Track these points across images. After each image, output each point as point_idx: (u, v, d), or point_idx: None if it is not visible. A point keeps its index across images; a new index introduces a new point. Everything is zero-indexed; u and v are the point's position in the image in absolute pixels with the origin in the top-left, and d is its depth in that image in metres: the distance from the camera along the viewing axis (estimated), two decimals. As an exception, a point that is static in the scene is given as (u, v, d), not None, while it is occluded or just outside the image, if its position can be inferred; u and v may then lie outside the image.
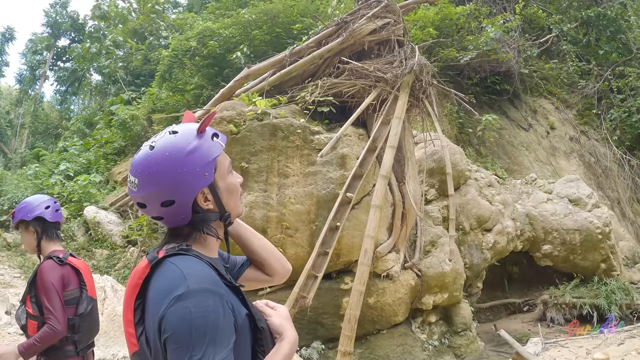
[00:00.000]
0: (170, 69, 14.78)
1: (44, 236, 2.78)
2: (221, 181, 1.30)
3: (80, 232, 11.92)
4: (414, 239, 7.13)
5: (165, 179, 1.22)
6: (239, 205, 1.38)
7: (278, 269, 1.64)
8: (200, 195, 1.26)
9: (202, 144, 1.25)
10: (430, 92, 7.05)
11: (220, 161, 1.30)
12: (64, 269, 2.67)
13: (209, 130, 1.29)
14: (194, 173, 1.23)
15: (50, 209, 2.79)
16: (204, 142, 1.26)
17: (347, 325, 5.46)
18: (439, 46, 12.08)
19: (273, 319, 1.31)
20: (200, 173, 1.23)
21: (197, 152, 1.24)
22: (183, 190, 1.23)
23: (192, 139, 1.25)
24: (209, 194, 1.28)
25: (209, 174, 1.25)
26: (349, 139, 6.37)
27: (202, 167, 1.24)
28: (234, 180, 1.35)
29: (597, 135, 14.79)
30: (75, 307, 2.68)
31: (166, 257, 1.20)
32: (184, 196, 1.24)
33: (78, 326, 2.66)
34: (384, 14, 7.42)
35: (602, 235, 9.95)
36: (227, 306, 1.15)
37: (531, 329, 9.33)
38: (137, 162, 1.24)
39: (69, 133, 20.60)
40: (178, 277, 1.13)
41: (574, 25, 16.51)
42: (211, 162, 1.25)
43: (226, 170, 1.32)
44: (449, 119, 11.61)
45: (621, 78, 15.19)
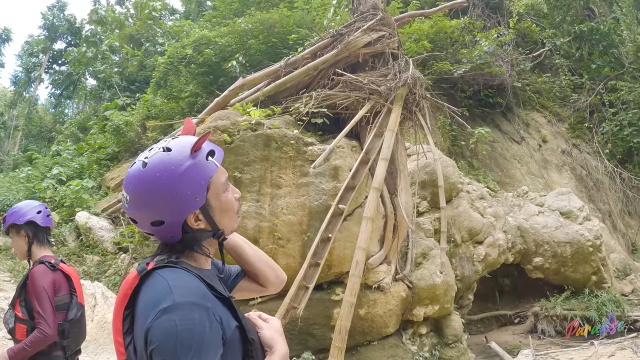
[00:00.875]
0: (166, 76, 14.82)
1: (35, 241, 2.80)
2: (215, 201, 1.27)
3: (71, 237, 11.85)
4: (406, 251, 7.16)
5: (155, 200, 1.20)
6: (234, 221, 1.35)
7: (272, 279, 1.62)
8: (191, 216, 1.25)
9: (195, 165, 1.22)
10: (423, 105, 7.11)
11: (214, 181, 1.27)
12: (55, 274, 2.69)
13: (205, 147, 1.26)
14: (185, 196, 1.20)
15: (41, 214, 2.82)
16: (197, 162, 1.23)
17: (337, 336, 5.46)
18: (433, 59, 12.20)
19: (264, 332, 1.31)
20: (192, 196, 1.21)
21: (189, 174, 1.21)
22: (173, 212, 1.22)
23: (185, 159, 1.22)
24: (200, 215, 1.26)
25: (200, 197, 1.22)
26: (342, 150, 6.41)
27: (193, 190, 1.21)
28: (229, 198, 1.32)
29: (589, 148, 14.94)
30: (65, 313, 2.70)
31: (155, 269, 1.20)
32: (173, 218, 1.22)
33: (68, 332, 2.68)
34: (379, 27, 7.49)
35: (593, 248, 10.01)
36: (214, 319, 1.14)
37: (522, 341, 9.36)
38: (129, 178, 1.22)
39: (63, 137, 20.54)
40: (165, 290, 1.13)
41: (567, 40, 16.74)
42: (203, 184, 1.23)
43: (221, 188, 1.29)
44: (442, 132, 11.70)
45: (613, 92, 15.39)
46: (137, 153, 12.65)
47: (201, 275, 1.23)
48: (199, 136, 1.31)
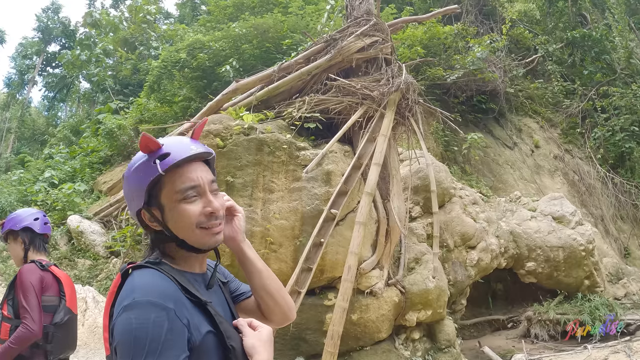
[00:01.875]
0: (159, 80, 14.79)
1: (32, 247, 2.84)
2: (167, 204, 1.27)
3: (63, 241, 11.78)
4: (398, 256, 7.16)
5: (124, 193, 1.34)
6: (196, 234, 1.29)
7: (276, 314, 1.57)
8: (145, 214, 1.29)
9: (140, 165, 1.27)
10: (416, 110, 7.13)
11: (168, 185, 1.26)
12: (44, 273, 2.70)
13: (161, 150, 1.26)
14: (130, 193, 1.30)
15: (39, 221, 2.87)
16: (142, 162, 1.27)
17: (329, 341, 5.45)
18: (426, 65, 12.26)
19: (246, 340, 1.30)
20: (134, 194, 1.28)
21: (135, 172, 1.27)
22: (130, 206, 1.32)
23: (139, 157, 1.28)
24: (148, 215, 1.29)
25: (138, 196, 1.26)
26: (335, 155, 6.41)
27: (134, 188, 1.28)
28: (184, 209, 1.26)
29: (581, 153, 15.04)
30: (51, 315, 2.67)
31: (134, 269, 1.25)
32: (131, 211, 1.32)
33: (52, 335, 2.65)
34: (372, 33, 7.51)
35: (586, 252, 10.06)
36: (176, 320, 1.13)
37: (515, 346, 9.35)
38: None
39: (55, 140, 20.47)
40: (129, 289, 1.18)
41: (560, 46, 16.89)
42: (143, 187, 1.25)
43: (174, 196, 1.26)
44: (434, 137, 11.74)
45: (605, 97, 15.52)
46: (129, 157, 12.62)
47: (178, 276, 1.24)
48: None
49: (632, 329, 9.37)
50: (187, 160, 1.27)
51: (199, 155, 1.30)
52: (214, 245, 1.33)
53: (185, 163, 1.27)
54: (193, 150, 1.28)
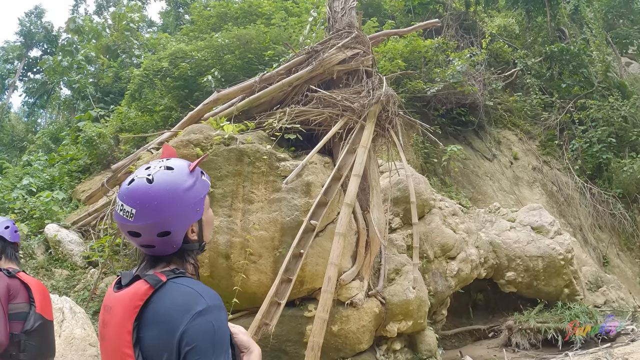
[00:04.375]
0: (141, 89, 14.66)
1: (3, 255, 2.82)
2: (205, 215, 1.47)
3: (40, 250, 11.52)
4: (378, 267, 7.18)
5: (165, 212, 1.35)
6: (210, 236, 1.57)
7: None
8: (190, 228, 1.43)
9: (196, 182, 1.42)
10: (396, 122, 7.20)
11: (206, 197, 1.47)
12: (12, 281, 2.64)
13: (198, 168, 1.47)
14: (189, 208, 1.39)
15: (9, 229, 2.86)
16: (196, 180, 1.43)
17: (310, 352, 5.42)
18: (407, 78, 12.40)
19: (241, 336, 1.43)
20: (194, 208, 1.40)
21: (192, 189, 1.40)
22: (179, 223, 1.38)
23: (187, 177, 1.41)
24: (196, 226, 1.45)
25: (200, 209, 1.42)
26: (315, 166, 6.43)
27: (195, 203, 1.40)
28: (211, 213, 1.54)
29: (559, 165, 15.33)
30: (22, 323, 2.60)
31: (169, 280, 1.32)
32: (178, 228, 1.38)
33: (24, 344, 2.57)
34: (353, 45, 7.60)
35: (565, 261, 10.20)
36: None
37: (497, 355, 9.41)
38: (136, 193, 1.35)
39: (34, 147, 20.08)
40: (194, 295, 1.27)
41: (538, 60, 17.27)
42: (202, 198, 1.43)
43: (207, 204, 1.49)
44: (414, 149, 11.85)
45: (582, 110, 15.88)
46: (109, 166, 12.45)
47: None
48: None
49: (613, 336, 9.51)
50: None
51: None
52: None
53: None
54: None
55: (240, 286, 5.93)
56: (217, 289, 6.53)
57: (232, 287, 5.95)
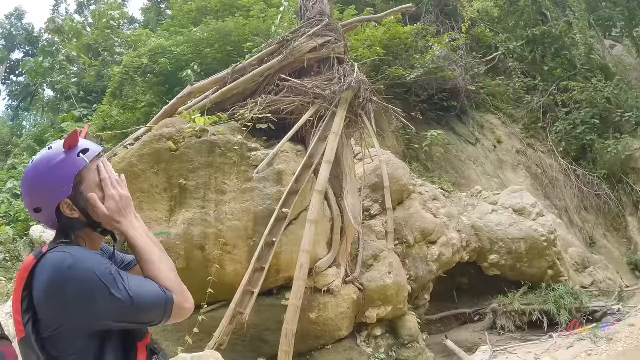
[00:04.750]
0: (121, 86, 14.57)
1: None
2: (88, 193, 1.46)
3: (26, 252, 11.50)
4: (356, 254, 7.21)
5: (34, 190, 1.44)
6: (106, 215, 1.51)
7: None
8: (65, 205, 1.44)
9: (66, 159, 1.42)
10: (369, 108, 7.20)
11: (87, 177, 1.46)
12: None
13: (80, 146, 1.46)
14: (54, 186, 1.41)
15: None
16: (68, 157, 1.43)
17: (284, 340, 5.45)
18: (386, 64, 12.37)
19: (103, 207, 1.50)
20: (60, 186, 1.40)
21: (59, 166, 1.41)
22: (46, 200, 1.43)
23: (59, 154, 1.43)
24: (68, 204, 1.44)
25: (67, 187, 1.41)
26: (286, 155, 6.43)
27: (62, 180, 1.40)
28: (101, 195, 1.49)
29: (544, 147, 15.37)
30: None
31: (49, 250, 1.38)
32: (47, 205, 1.43)
33: None
34: (325, 33, 7.57)
35: (548, 243, 10.24)
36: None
37: (482, 338, 9.47)
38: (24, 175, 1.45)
39: (19, 150, 19.95)
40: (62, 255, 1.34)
41: (520, 44, 17.23)
42: (71, 176, 1.41)
43: (93, 186, 1.47)
44: (395, 136, 11.86)
45: (566, 92, 15.90)
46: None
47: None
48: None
49: (599, 316, 9.57)
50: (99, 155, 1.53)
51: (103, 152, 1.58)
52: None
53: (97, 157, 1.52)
54: (99, 147, 1.54)
55: (217, 277, 5.93)
56: (194, 280, 6.52)
57: (208, 278, 5.96)
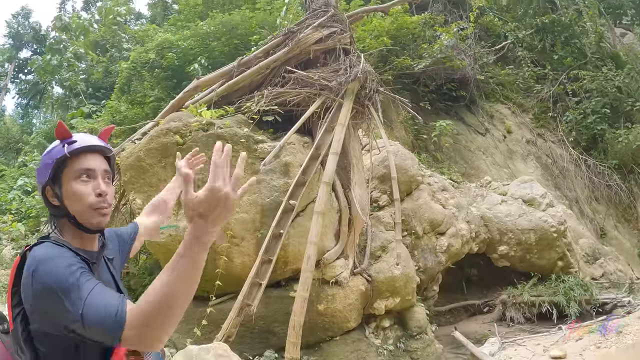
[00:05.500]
0: (129, 82, 14.63)
1: None
2: (66, 184, 1.50)
3: (37, 249, 11.65)
4: (365, 245, 7.19)
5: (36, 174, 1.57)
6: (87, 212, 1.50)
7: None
8: (48, 191, 1.52)
9: (53, 148, 1.52)
10: (376, 99, 7.15)
11: (69, 165, 1.50)
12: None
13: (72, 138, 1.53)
14: (41, 170, 1.52)
15: None
16: (55, 146, 1.52)
17: (292, 331, 5.46)
18: (394, 55, 12.28)
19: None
20: (43, 171, 1.50)
21: (47, 154, 1.52)
22: (38, 184, 1.54)
23: (54, 143, 1.54)
24: (50, 191, 1.52)
25: (46, 173, 1.49)
26: (293, 147, 6.41)
27: (44, 166, 1.50)
28: (77, 187, 1.49)
29: (554, 137, 15.21)
30: None
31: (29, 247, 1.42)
32: (39, 189, 1.54)
33: None
34: (330, 24, 7.52)
35: (557, 234, 10.15)
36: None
37: (491, 330, 9.42)
38: None
39: (30, 147, 20.16)
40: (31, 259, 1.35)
41: (529, 32, 17.03)
42: (50, 164, 1.49)
43: (72, 174, 1.49)
44: (404, 126, 11.78)
45: (576, 81, 15.72)
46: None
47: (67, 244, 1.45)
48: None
49: (609, 308, 9.48)
50: (89, 150, 1.53)
51: (98, 148, 1.57)
52: (97, 225, 1.53)
53: (87, 152, 1.52)
54: (95, 142, 1.56)
55: (225, 269, 5.95)
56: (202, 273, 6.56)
57: (216, 271, 5.98)
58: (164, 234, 6.35)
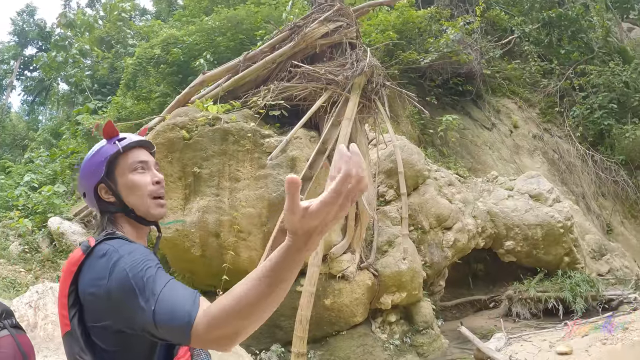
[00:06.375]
0: (135, 77, 14.64)
1: None
2: (120, 178, 1.51)
3: (45, 243, 11.69)
4: (371, 240, 7.18)
5: (81, 175, 1.56)
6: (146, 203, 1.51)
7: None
8: (101, 189, 1.51)
9: (102, 147, 1.54)
10: (382, 93, 7.12)
11: (120, 160, 1.52)
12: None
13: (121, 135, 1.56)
14: (91, 171, 1.52)
15: None
16: (104, 145, 1.54)
17: (298, 326, 5.46)
18: (400, 49, 12.22)
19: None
20: (95, 170, 1.50)
21: (96, 154, 1.53)
22: (86, 184, 1.53)
23: (100, 144, 1.55)
24: (104, 188, 1.51)
25: (99, 171, 1.50)
26: (300, 141, 6.40)
27: (96, 165, 1.51)
28: (135, 178, 1.51)
29: (560, 132, 15.12)
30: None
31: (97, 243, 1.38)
32: (88, 189, 1.53)
33: None
34: (336, 18, 7.49)
35: (564, 229, 10.10)
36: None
37: (497, 325, 9.39)
38: None
39: (36, 144, 20.23)
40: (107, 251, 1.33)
41: (536, 27, 16.91)
42: (103, 161, 1.50)
43: (127, 167, 1.52)
44: (410, 121, 11.73)
45: (583, 76, 15.61)
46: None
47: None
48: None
49: (615, 304, 9.43)
50: (138, 144, 1.57)
51: (145, 143, 1.61)
52: (158, 216, 1.54)
53: (136, 146, 1.57)
54: (141, 138, 1.60)
55: (232, 264, 5.96)
56: (210, 267, 6.58)
57: (223, 265, 5.99)
58: (171, 229, 6.37)
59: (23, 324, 5.55)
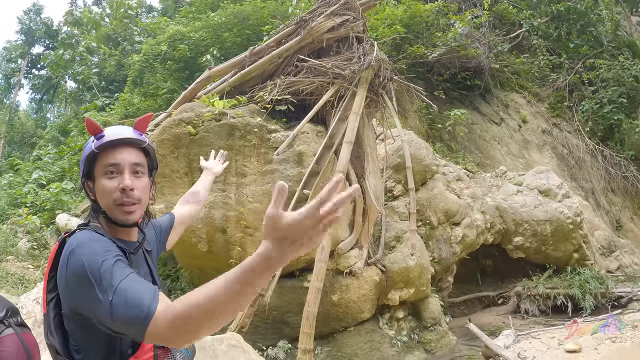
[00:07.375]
0: (142, 74, 14.67)
1: None
2: (97, 179, 1.48)
3: (53, 240, 11.76)
4: (379, 235, 7.12)
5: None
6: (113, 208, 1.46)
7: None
8: (86, 185, 1.51)
9: (86, 145, 1.51)
10: (390, 87, 7.05)
11: (101, 158, 1.46)
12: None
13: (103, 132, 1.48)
14: (80, 168, 1.54)
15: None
16: (87, 143, 1.51)
17: (305, 322, 5.43)
18: (407, 43, 12.12)
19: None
20: (81, 168, 1.52)
21: (83, 152, 1.52)
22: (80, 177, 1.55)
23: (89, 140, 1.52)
24: (87, 186, 1.51)
25: (81, 170, 1.51)
26: (307, 136, 6.35)
27: (81, 163, 1.51)
28: (103, 183, 1.45)
29: (570, 127, 14.96)
30: None
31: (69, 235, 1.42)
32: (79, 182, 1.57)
33: None
34: (342, 12, 7.42)
35: (574, 225, 9.98)
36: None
37: (505, 322, 9.32)
38: None
39: (44, 141, 20.36)
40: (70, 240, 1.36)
41: (545, 20, 16.73)
42: (83, 160, 1.49)
43: (101, 169, 1.46)
44: (418, 115, 11.65)
45: (592, 70, 15.42)
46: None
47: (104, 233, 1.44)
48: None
49: (624, 302, 9.33)
50: (118, 143, 1.46)
51: (127, 140, 1.48)
52: (125, 222, 1.48)
53: (117, 145, 1.46)
54: (124, 135, 1.48)
55: (238, 259, 5.93)
56: (217, 263, 6.55)
57: (229, 261, 5.97)
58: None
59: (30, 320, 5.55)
